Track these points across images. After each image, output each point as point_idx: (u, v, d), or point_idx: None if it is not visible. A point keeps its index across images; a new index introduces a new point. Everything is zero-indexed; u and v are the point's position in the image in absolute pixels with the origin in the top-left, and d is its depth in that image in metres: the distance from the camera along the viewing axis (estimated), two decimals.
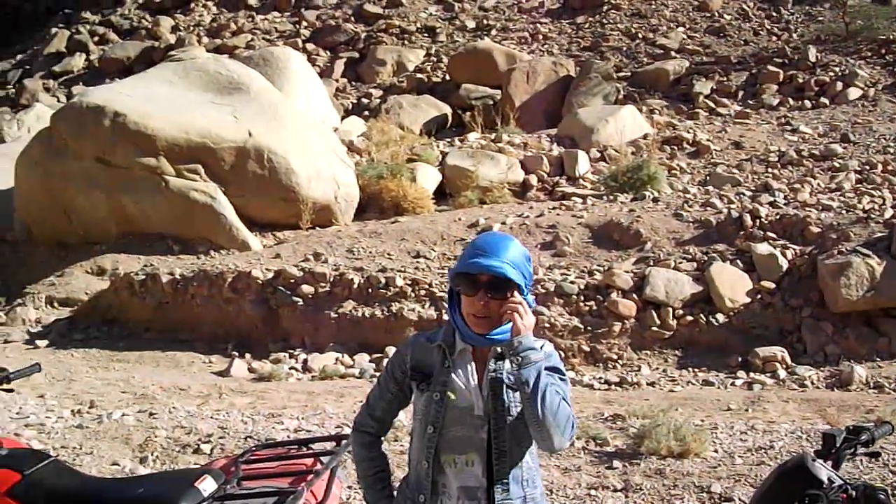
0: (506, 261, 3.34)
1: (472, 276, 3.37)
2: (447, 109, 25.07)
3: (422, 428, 3.50)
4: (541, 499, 3.57)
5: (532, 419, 3.25)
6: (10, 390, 5.14)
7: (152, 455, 8.55)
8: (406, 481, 3.67)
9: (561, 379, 3.39)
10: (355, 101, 27.81)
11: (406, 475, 3.72)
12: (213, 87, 18.10)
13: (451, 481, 3.48)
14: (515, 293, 3.37)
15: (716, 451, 8.15)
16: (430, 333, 3.66)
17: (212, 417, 9.76)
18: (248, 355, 12.90)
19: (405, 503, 3.58)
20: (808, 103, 22.73)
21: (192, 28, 34.10)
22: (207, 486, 4.24)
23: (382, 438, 3.88)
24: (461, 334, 3.49)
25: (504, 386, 3.42)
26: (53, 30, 36.26)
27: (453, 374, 3.47)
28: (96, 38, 34.92)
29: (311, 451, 4.82)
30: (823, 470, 3.07)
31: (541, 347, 3.35)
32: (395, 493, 3.78)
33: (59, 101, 30.28)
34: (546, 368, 3.31)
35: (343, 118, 24.48)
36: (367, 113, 25.85)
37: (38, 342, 13.97)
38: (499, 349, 3.44)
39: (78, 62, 33.95)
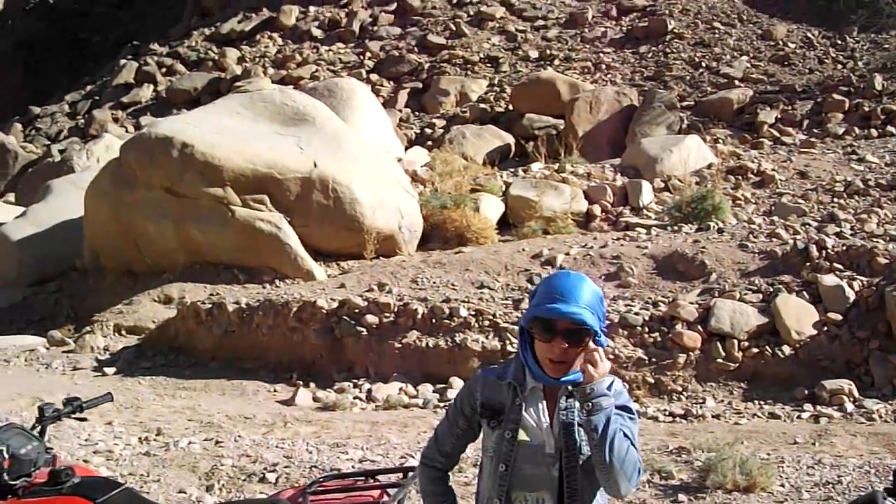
0: (584, 306, 3.33)
1: (549, 322, 3.36)
2: (510, 139, 25.10)
3: (493, 465, 3.51)
4: None
5: (599, 465, 3.26)
6: (83, 419, 5.24)
7: (218, 483, 8.63)
8: None
9: (630, 418, 3.39)
10: (419, 132, 27.93)
11: None
12: (279, 118, 18.29)
13: None
14: (591, 338, 3.38)
15: (782, 485, 8.07)
16: (499, 370, 3.66)
17: (277, 446, 9.83)
18: (312, 384, 12.96)
19: None
20: (874, 132, 22.47)
21: (257, 59, 34.51)
22: None
23: (449, 473, 3.90)
24: (532, 374, 3.49)
25: (576, 425, 3.42)
26: (122, 61, 36.92)
27: (524, 413, 3.47)
28: (164, 70, 35.49)
29: (377, 483, 4.84)
30: None
31: (610, 385, 3.36)
32: None
33: (127, 131, 30.79)
34: (616, 407, 3.32)
35: (407, 148, 24.56)
36: (430, 143, 25.96)
37: (106, 370, 14.16)
38: (570, 387, 3.44)
39: (146, 93, 34.50)
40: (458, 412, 3.69)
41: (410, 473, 4.81)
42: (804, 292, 12.68)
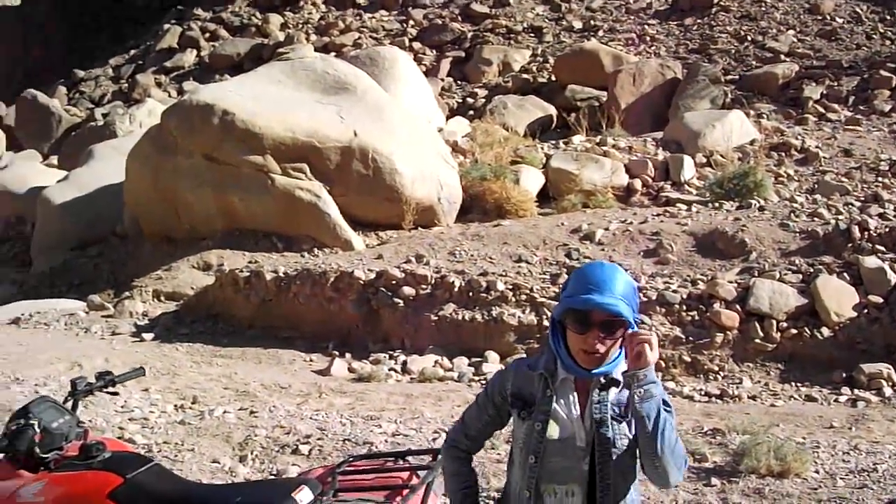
0: (619, 297, 3.29)
1: (584, 313, 3.32)
2: (552, 110, 24.98)
3: (523, 457, 3.48)
4: None
5: (649, 455, 3.24)
6: (116, 393, 5.26)
7: (251, 454, 8.66)
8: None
9: (667, 410, 3.36)
10: (460, 101, 27.89)
11: (502, 496, 3.71)
12: (319, 86, 18.28)
13: None
14: (625, 330, 3.34)
15: (817, 471, 7.99)
16: (531, 360, 3.62)
17: (311, 418, 9.85)
18: (348, 355, 12.99)
19: None
20: None
21: (300, 25, 34.56)
22: (304, 496, 4.27)
23: (474, 456, 3.88)
24: (565, 365, 3.46)
25: (609, 419, 3.39)
26: (166, 26, 37.10)
27: (555, 405, 3.44)
28: (207, 35, 35.62)
29: (407, 465, 4.83)
30: None
31: None
32: None
33: (169, 96, 30.95)
34: None
35: (448, 118, 24.52)
36: (471, 113, 25.90)
37: (145, 335, 14.23)
38: (602, 379, 3.41)
39: (189, 58, 34.65)
40: (487, 399, 3.67)
41: (440, 456, 4.80)
42: (845, 274, 12.55)
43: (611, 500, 3.39)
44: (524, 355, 11.33)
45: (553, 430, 3.40)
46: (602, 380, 3.40)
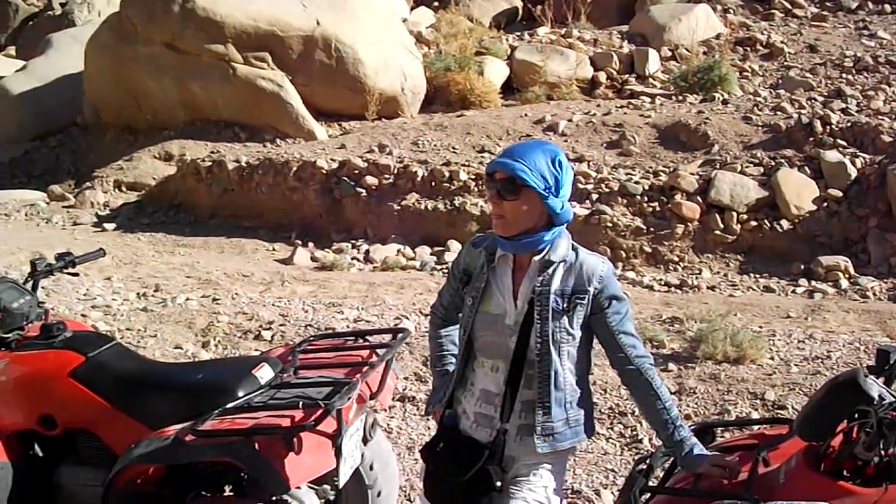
0: (520, 160, 3.23)
1: (489, 175, 3.31)
2: (518, 2, 24.65)
3: (460, 329, 3.55)
4: (585, 420, 3.50)
5: None
6: (76, 274, 5.24)
7: (214, 340, 8.71)
8: None
9: (619, 300, 3.39)
10: None
11: None
12: None
13: (478, 382, 3.50)
14: (531, 194, 3.26)
15: (772, 358, 8.12)
16: (486, 238, 3.60)
17: (273, 305, 9.90)
18: (311, 244, 13.03)
19: (448, 385, 3.64)
20: (887, 7, 21.97)
21: None
22: (264, 373, 4.30)
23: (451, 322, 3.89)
24: (494, 238, 3.46)
25: (551, 311, 3.33)
26: None
27: (493, 281, 3.45)
28: None
29: (368, 343, 4.84)
30: (875, 386, 3.01)
31: (602, 265, 3.39)
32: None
33: None
34: (606, 297, 3.36)
35: (412, 9, 24.19)
36: (436, 4, 25.52)
37: (106, 225, 14.21)
38: (547, 259, 3.39)
39: None
40: (451, 274, 3.69)
41: (400, 335, 4.83)
42: (806, 167, 12.65)
43: (548, 387, 3.37)
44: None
45: (487, 306, 3.41)
46: (536, 259, 3.39)
